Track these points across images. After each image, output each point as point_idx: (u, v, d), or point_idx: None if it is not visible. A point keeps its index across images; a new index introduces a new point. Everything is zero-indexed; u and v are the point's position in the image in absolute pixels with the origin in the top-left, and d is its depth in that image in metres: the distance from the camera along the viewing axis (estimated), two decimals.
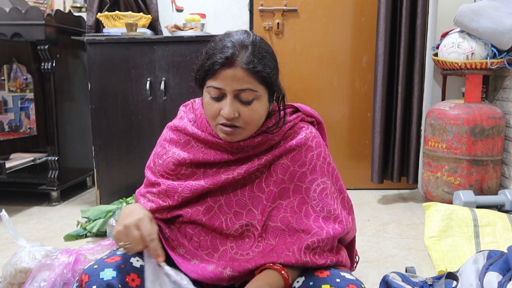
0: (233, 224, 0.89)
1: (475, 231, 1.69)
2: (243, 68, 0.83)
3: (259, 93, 0.86)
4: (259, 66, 0.84)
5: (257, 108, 0.86)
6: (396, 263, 1.63)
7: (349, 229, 0.93)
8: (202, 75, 0.87)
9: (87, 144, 2.62)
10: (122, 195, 2.18)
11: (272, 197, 0.90)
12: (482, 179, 2.09)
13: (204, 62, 0.87)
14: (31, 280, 1.23)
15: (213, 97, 0.86)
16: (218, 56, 0.83)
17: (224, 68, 0.83)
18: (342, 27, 2.63)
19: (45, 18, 2.24)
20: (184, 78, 2.14)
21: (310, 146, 0.93)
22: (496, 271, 1.13)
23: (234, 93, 0.84)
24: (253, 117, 0.86)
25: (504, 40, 2.05)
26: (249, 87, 0.84)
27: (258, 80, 0.85)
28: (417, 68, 2.35)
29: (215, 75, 0.84)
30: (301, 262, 0.83)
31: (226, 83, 0.84)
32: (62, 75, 2.43)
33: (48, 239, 1.89)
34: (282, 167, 0.91)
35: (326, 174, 0.93)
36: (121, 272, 0.80)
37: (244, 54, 0.84)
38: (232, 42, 0.85)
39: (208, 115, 0.89)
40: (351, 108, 2.70)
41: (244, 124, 0.86)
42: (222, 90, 0.84)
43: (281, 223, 0.88)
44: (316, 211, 0.89)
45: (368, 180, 2.53)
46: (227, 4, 2.69)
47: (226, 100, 0.85)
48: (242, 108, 0.85)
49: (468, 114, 2.07)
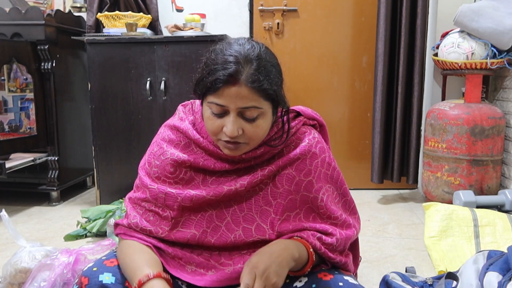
0: (243, 242, 0.86)
1: (475, 231, 1.69)
2: (248, 86, 0.77)
3: (264, 110, 0.81)
4: (265, 84, 0.78)
5: (261, 124, 0.82)
6: (396, 263, 1.63)
7: (359, 231, 0.93)
8: (203, 90, 0.81)
9: (87, 144, 2.62)
10: (122, 195, 2.18)
11: (280, 210, 0.87)
12: (482, 179, 2.09)
13: (205, 77, 0.80)
14: (31, 280, 1.23)
15: (215, 114, 0.81)
16: (221, 73, 0.77)
17: (227, 86, 0.77)
18: (342, 27, 2.63)
19: (45, 18, 2.24)
20: (184, 78, 2.14)
21: (314, 153, 0.90)
22: (496, 271, 1.13)
23: (238, 110, 0.79)
24: (257, 133, 0.82)
25: (504, 40, 2.05)
26: (254, 104, 0.79)
27: (264, 97, 0.80)
28: (417, 68, 2.35)
29: (217, 92, 0.78)
30: (316, 246, 0.83)
31: (229, 101, 0.78)
32: (62, 75, 2.43)
33: (48, 239, 1.89)
34: (287, 178, 0.88)
35: (329, 181, 0.92)
36: (120, 277, 0.79)
37: (248, 70, 0.78)
38: (235, 56, 0.78)
39: (209, 130, 0.84)
40: (351, 108, 2.70)
41: (248, 139, 0.82)
42: (225, 108, 0.79)
43: (292, 227, 0.87)
44: (323, 218, 0.88)
45: (368, 180, 2.53)
46: (227, 4, 2.69)
47: (229, 117, 0.80)
48: (246, 125, 0.81)
49: (468, 114, 2.07)
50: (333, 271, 0.84)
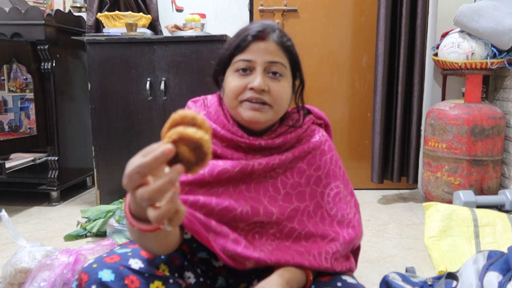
0: (249, 218, 0.83)
1: (475, 231, 1.69)
2: (276, 41, 0.84)
3: (287, 72, 0.86)
4: (289, 43, 0.86)
5: (285, 86, 0.86)
6: (396, 263, 1.63)
7: (361, 234, 0.92)
8: (228, 57, 0.85)
9: (87, 144, 2.62)
10: (122, 195, 2.18)
11: (288, 199, 0.87)
12: (482, 179, 2.09)
13: (230, 45, 0.85)
14: (31, 280, 1.23)
15: (240, 70, 0.84)
16: (250, 31, 0.83)
17: (256, 41, 0.83)
18: (342, 27, 2.63)
19: (45, 18, 2.24)
20: (184, 78, 2.15)
21: (324, 149, 0.92)
22: (496, 271, 1.13)
23: (265, 65, 0.83)
24: (281, 94, 0.84)
25: (504, 40, 2.05)
26: (280, 60, 0.84)
27: (288, 57, 0.86)
28: (417, 68, 2.35)
29: (246, 48, 0.83)
30: (322, 267, 0.82)
31: (257, 55, 0.83)
32: (62, 75, 2.43)
33: (48, 239, 1.89)
34: (298, 171, 0.89)
35: (339, 178, 0.92)
36: (120, 274, 0.78)
37: (274, 32, 0.85)
38: (260, 23, 0.85)
39: (232, 92, 0.84)
40: (351, 108, 2.70)
41: (273, 101, 0.83)
42: (252, 63, 0.83)
43: (298, 225, 0.85)
44: (330, 215, 0.88)
45: (368, 180, 2.53)
46: (227, 4, 2.69)
47: (255, 74, 0.83)
48: (271, 83, 0.83)
49: (468, 114, 2.07)
50: None
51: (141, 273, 0.77)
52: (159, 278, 0.78)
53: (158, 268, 0.80)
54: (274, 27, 0.86)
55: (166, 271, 0.81)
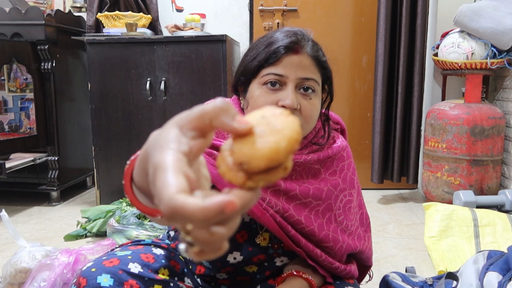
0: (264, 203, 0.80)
1: (475, 231, 1.69)
2: (310, 55, 0.77)
3: (318, 88, 0.79)
4: (324, 59, 0.78)
5: (316, 104, 0.79)
6: (396, 263, 1.63)
7: (363, 248, 0.90)
8: (255, 66, 0.77)
9: (87, 144, 2.62)
10: (122, 195, 2.18)
11: (303, 192, 0.83)
12: (482, 179, 2.09)
13: (256, 57, 0.77)
14: (31, 280, 1.23)
15: (270, 84, 0.76)
16: (282, 42, 0.75)
17: (289, 54, 0.75)
18: (342, 27, 2.63)
19: (45, 18, 2.24)
20: (184, 78, 2.14)
21: (342, 155, 0.91)
22: (496, 271, 1.13)
23: (297, 81, 0.76)
24: (313, 113, 0.78)
25: (504, 40, 2.05)
26: (313, 77, 0.77)
27: (321, 73, 0.79)
28: (417, 68, 2.35)
29: (277, 61, 0.75)
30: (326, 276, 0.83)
31: (290, 71, 0.75)
32: (62, 75, 2.43)
33: (48, 239, 1.89)
34: (314, 172, 0.86)
35: (354, 186, 0.91)
36: (119, 279, 0.76)
37: (308, 44, 0.78)
38: (293, 31, 0.77)
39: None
40: (351, 108, 2.70)
41: (303, 120, 0.77)
42: (283, 78, 0.76)
43: (305, 220, 0.83)
44: (337, 221, 0.87)
45: (368, 180, 2.53)
46: (227, 4, 2.69)
47: (286, 90, 0.76)
48: (303, 101, 0.77)
49: (468, 114, 2.07)
50: (334, 282, 0.85)
51: (140, 277, 0.76)
52: (159, 282, 0.77)
53: (158, 272, 0.79)
54: (307, 37, 0.79)
55: (166, 275, 0.80)
